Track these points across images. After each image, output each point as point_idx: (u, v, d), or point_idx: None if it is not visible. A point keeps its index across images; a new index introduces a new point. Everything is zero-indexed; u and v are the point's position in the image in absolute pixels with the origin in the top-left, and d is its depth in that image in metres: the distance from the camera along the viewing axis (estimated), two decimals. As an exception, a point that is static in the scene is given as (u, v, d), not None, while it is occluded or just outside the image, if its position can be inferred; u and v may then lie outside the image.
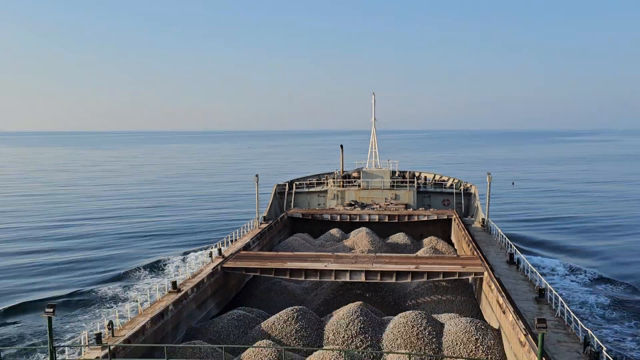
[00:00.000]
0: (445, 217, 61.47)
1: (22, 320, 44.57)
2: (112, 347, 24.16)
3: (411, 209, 65.17)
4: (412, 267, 38.55)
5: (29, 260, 64.00)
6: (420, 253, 47.40)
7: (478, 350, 28.66)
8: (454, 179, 74.35)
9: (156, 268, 59.60)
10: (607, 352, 23.45)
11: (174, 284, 34.71)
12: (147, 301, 33.00)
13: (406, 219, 61.27)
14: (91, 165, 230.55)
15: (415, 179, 72.26)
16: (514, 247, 44.48)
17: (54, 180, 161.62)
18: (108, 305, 47.34)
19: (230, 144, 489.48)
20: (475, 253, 42.83)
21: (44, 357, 32.93)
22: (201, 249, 65.14)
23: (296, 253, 45.46)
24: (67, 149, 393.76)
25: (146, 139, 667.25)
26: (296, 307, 32.79)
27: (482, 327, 30.02)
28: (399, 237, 56.18)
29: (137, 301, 37.31)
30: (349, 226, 61.19)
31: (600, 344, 24.46)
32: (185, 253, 65.77)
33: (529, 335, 25.35)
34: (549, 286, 32.77)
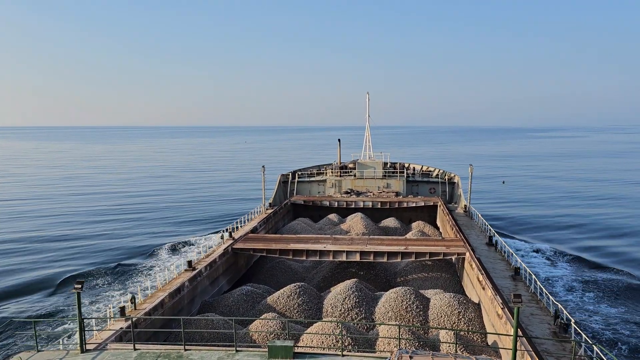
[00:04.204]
0: (432, 204, 61.39)
1: (53, 295, 44.60)
2: (134, 319, 24.16)
3: (401, 197, 65.14)
4: (401, 248, 38.54)
5: (63, 241, 64.11)
6: (409, 236, 47.36)
7: (460, 322, 28.70)
8: (439, 170, 74.14)
9: (174, 249, 59.47)
10: (575, 324, 23.46)
11: (189, 262, 34.69)
12: (166, 279, 32.92)
13: (396, 205, 61.23)
14: (110, 156, 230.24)
15: (405, 170, 72.19)
16: (493, 231, 44.43)
17: (80, 168, 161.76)
18: (131, 282, 47.37)
19: (231, 138, 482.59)
20: (458, 236, 42.80)
21: (74, 328, 33.01)
22: (214, 232, 65.10)
23: (298, 235, 45.36)
24: (76, 144, 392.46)
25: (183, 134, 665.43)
26: (298, 283, 32.78)
27: (464, 301, 30.03)
28: (390, 222, 56.12)
29: (157, 278, 37.33)
30: (345, 212, 61.19)
31: (569, 316, 24.45)
32: (200, 235, 65.75)
33: (506, 309, 25.35)
34: (523, 265, 32.80)
